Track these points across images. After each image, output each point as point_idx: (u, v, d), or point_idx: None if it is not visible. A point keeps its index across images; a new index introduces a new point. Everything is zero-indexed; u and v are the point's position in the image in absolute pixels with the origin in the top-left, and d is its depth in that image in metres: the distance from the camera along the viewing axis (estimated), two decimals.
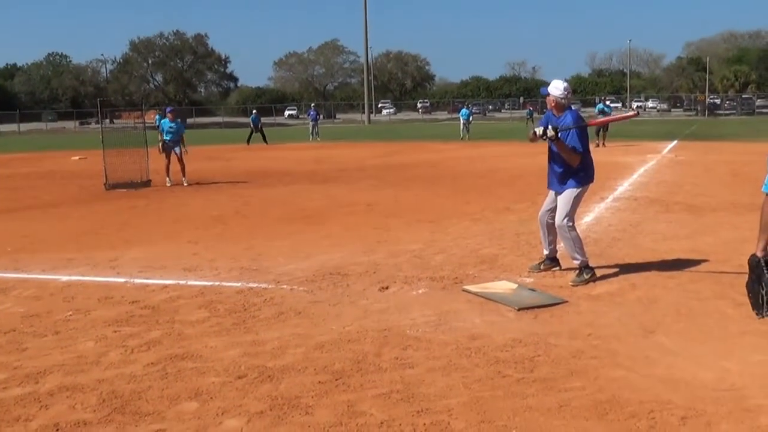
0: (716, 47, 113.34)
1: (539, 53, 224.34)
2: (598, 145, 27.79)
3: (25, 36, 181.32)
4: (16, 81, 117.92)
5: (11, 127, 77.81)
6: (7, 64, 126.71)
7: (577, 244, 7.32)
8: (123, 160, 17.80)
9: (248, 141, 38.24)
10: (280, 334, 5.87)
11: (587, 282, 7.20)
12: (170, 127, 18.01)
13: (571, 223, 7.35)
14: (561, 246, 7.64)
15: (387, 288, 7.23)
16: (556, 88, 7.37)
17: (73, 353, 5.50)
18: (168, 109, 19.35)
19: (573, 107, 7.66)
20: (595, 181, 7.66)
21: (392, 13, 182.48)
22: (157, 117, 18.52)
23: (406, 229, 10.80)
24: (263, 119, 40.25)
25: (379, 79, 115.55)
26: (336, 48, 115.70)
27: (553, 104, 7.40)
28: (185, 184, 17.59)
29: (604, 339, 5.58)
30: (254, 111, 41.02)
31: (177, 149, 17.87)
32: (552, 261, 7.85)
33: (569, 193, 7.34)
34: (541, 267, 7.83)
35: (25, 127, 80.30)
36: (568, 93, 7.42)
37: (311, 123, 45.64)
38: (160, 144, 17.89)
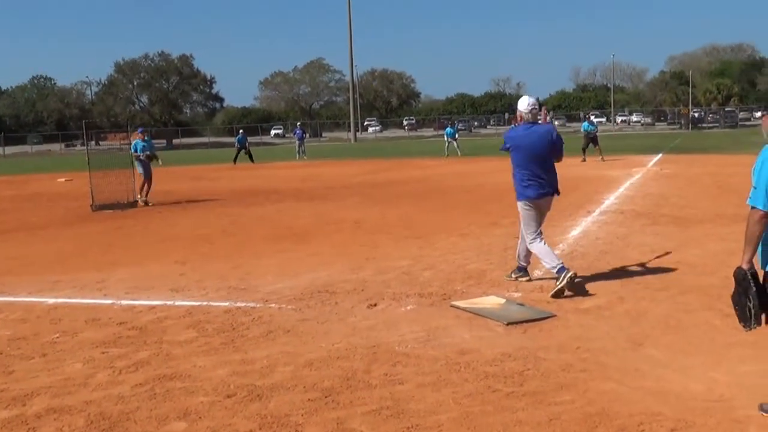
0: (698, 61, 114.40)
1: (523, 69, 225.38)
2: (584, 160, 27.94)
3: (10, 59, 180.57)
4: (0, 104, 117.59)
5: None
6: None
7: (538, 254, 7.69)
8: (109, 181, 17.78)
9: (235, 160, 38.21)
10: (268, 352, 5.85)
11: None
12: (143, 146, 18.23)
13: (529, 238, 7.78)
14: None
15: (375, 305, 7.22)
16: (522, 102, 7.92)
17: (61, 375, 5.46)
18: (139, 130, 19.47)
19: (540, 122, 7.98)
20: (554, 195, 8.01)
21: (377, 31, 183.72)
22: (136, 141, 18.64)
23: (394, 245, 10.80)
24: (249, 139, 40.20)
25: (365, 97, 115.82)
26: (321, 67, 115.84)
27: (519, 118, 7.89)
28: (150, 204, 17.93)
29: (592, 352, 5.59)
30: (240, 131, 40.98)
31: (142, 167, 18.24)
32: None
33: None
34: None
35: (10, 150, 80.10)
36: (531, 108, 7.81)
37: (297, 142, 45.76)
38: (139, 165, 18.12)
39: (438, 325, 6.45)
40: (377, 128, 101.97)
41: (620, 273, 8.36)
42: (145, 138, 18.94)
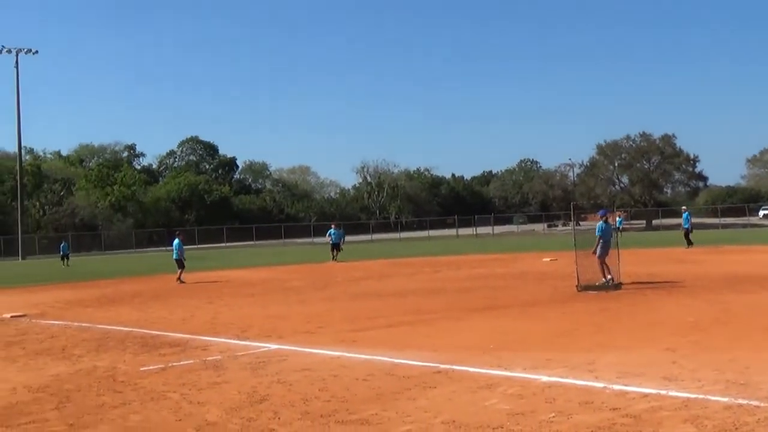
0: None
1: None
2: None
3: (501, 144, 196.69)
4: (491, 186, 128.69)
5: (486, 229, 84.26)
6: (483, 172, 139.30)
7: None
8: (592, 262, 18.05)
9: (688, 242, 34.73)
10: None
11: None
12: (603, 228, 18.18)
13: None
14: None
15: None
16: None
17: None
18: (600, 213, 19.31)
19: None
20: None
21: None
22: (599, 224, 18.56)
23: None
24: (733, 219, 37.58)
25: None
26: None
27: None
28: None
29: None
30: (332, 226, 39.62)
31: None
32: None
33: None
34: None
35: (498, 229, 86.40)
36: None
37: None
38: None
39: None
40: None
41: None
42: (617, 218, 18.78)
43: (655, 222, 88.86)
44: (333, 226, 39.28)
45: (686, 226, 34.71)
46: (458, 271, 26.44)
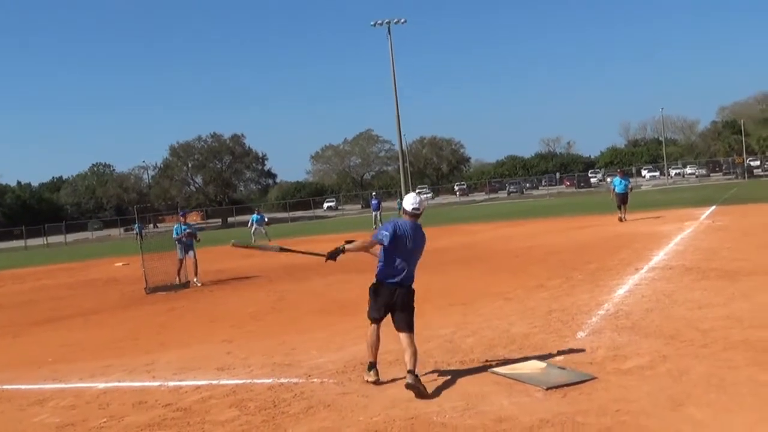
0: (750, 109, 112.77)
1: (573, 128, 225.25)
2: (621, 220, 26.46)
3: (70, 149, 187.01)
4: (62, 193, 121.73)
5: (58, 238, 79.68)
6: (53, 178, 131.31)
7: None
8: (164, 263, 18.17)
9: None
10: (308, 428, 5.91)
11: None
12: (184, 229, 18.64)
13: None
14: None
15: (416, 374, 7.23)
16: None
17: None
18: (180, 213, 19.83)
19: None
20: None
21: (423, 98, 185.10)
22: (175, 225, 18.94)
23: (438, 313, 10.81)
24: (301, 213, 40.35)
25: (415, 165, 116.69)
26: (371, 138, 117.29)
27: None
28: (199, 284, 18.09)
29: (632, 414, 5.52)
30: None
31: (192, 251, 18.37)
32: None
33: None
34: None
35: (71, 237, 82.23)
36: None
37: (374, 213, 43.99)
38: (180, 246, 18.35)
39: (477, 392, 6.44)
40: (429, 195, 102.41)
41: (665, 331, 8.24)
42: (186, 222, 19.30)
43: (230, 219, 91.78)
44: None
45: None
46: (22, 285, 24.72)
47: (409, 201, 7.34)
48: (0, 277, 29.60)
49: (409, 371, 6.65)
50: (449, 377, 7.08)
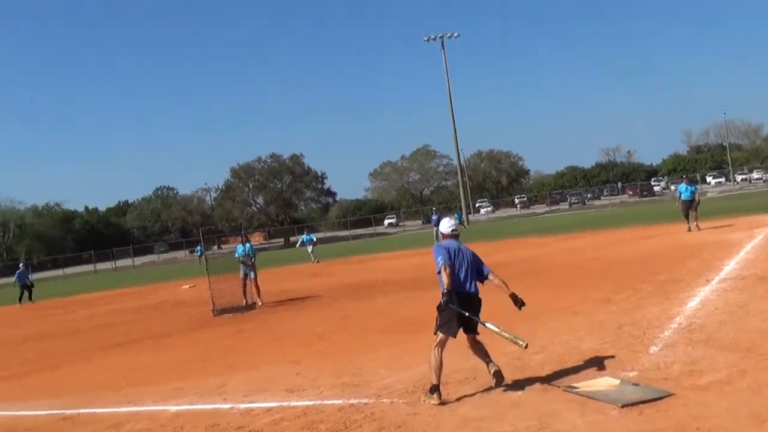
0: None
1: (633, 137, 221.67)
2: (689, 229, 25.79)
3: (134, 174, 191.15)
4: (128, 217, 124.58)
5: (126, 261, 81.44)
6: (119, 202, 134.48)
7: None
8: (230, 285, 18.39)
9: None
10: None
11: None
12: (247, 249, 18.92)
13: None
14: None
15: (488, 392, 7.17)
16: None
17: None
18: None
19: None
20: None
21: (480, 111, 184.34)
22: (238, 246, 19.27)
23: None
24: (362, 230, 40.28)
25: (474, 179, 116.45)
26: (428, 153, 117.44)
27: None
28: (260, 303, 18.37)
29: None
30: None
31: (252, 272, 18.65)
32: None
33: None
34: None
35: (139, 260, 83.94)
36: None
37: (435, 228, 43.72)
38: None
39: (550, 410, 6.35)
40: (489, 209, 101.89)
41: (741, 344, 8.01)
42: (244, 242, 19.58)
43: (293, 239, 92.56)
44: None
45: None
46: (93, 309, 25.33)
47: (446, 224, 8.20)
48: (71, 303, 30.38)
49: (491, 362, 7.46)
50: (520, 395, 7.00)
